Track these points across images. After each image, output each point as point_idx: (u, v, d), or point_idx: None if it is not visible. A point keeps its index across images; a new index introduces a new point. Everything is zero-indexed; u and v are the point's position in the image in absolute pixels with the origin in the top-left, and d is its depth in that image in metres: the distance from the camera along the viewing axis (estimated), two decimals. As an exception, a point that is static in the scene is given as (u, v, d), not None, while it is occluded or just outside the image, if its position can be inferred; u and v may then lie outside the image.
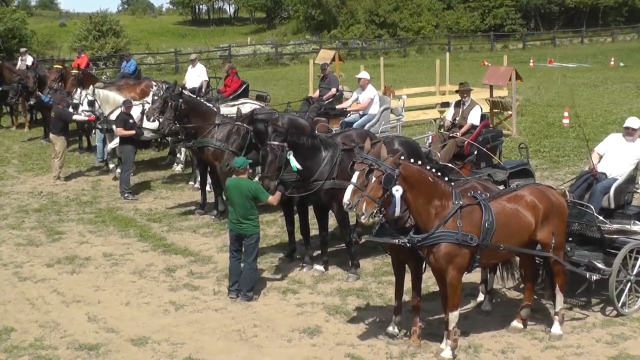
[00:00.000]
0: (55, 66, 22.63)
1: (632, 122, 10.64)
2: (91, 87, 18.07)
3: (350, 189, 8.38)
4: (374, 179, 8.13)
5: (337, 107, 17.32)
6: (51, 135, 17.69)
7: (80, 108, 17.54)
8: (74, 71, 21.65)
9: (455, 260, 8.43)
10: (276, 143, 10.67)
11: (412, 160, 8.54)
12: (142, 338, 9.47)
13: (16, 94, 22.52)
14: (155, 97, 14.83)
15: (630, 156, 10.53)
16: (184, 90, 14.72)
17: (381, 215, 8.38)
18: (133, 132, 16.31)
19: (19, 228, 14.24)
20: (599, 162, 10.74)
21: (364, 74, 16.78)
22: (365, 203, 8.12)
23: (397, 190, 8.12)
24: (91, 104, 17.47)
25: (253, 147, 11.32)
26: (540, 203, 8.97)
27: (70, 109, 17.71)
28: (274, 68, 45.09)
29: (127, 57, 27.47)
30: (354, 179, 8.42)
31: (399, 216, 8.51)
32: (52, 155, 17.91)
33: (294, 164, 10.71)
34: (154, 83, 19.33)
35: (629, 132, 10.62)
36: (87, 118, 17.75)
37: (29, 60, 25.94)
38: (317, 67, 23.24)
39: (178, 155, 18.68)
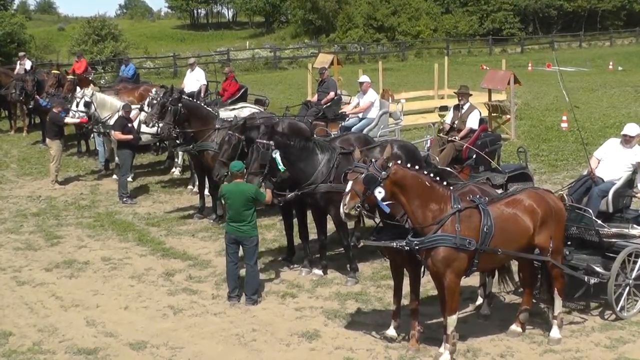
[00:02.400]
0: (52, 71, 22.60)
1: (629, 129, 10.65)
2: (90, 88, 18.01)
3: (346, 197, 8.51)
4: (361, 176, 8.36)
5: (340, 112, 17.31)
6: (47, 140, 17.70)
7: (74, 109, 17.52)
8: (70, 77, 21.65)
9: (453, 264, 8.44)
10: (263, 141, 10.77)
11: (409, 165, 8.60)
12: (140, 342, 9.46)
13: (21, 93, 22.43)
14: (154, 102, 14.79)
15: (627, 162, 10.54)
16: (182, 95, 14.72)
17: (361, 210, 8.46)
18: (130, 137, 16.30)
19: (17, 232, 14.24)
20: (597, 166, 10.75)
21: (364, 78, 16.79)
22: (349, 196, 8.32)
23: (380, 192, 8.22)
24: (87, 105, 17.45)
25: (245, 156, 11.35)
26: (539, 207, 8.97)
27: (71, 108, 17.73)
28: (272, 72, 45.11)
29: (126, 61, 27.50)
30: (348, 187, 8.52)
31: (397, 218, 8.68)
32: (49, 160, 17.90)
33: (279, 163, 10.79)
34: (154, 89, 19.33)
35: (627, 139, 10.63)
36: (78, 120, 17.74)
37: (28, 64, 25.96)
38: (315, 71, 23.25)
39: (176, 159, 18.69)
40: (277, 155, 10.79)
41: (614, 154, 10.68)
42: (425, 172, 8.65)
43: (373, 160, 8.46)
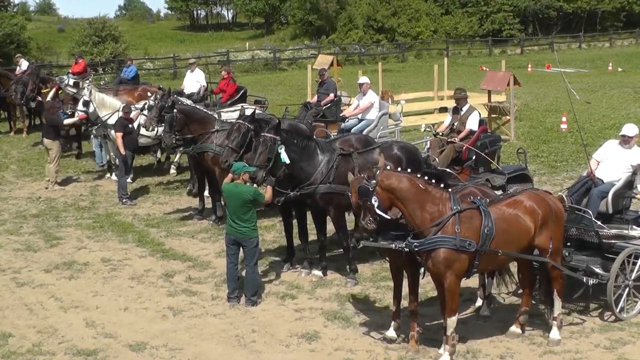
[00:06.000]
0: (43, 91, 22.48)
1: (628, 130, 10.65)
2: (89, 87, 18.02)
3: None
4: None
5: (341, 115, 17.31)
6: (45, 141, 17.63)
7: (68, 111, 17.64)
8: (45, 91, 21.81)
9: (453, 265, 8.44)
10: (269, 135, 10.78)
11: (399, 169, 8.63)
12: (140, 343, 9.46)
13: (21, 97, 22.38)
14: (152, 105, 14.76)
15: (626, 163, 10.54)
16: (178, 98, 14.68)
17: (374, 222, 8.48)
18: (124, 152, 16.14)
19: (17, 233, 14.24)
20: (596, 168, 10.75)
21: (364, 79, 16.79)
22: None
23: (375, 201, 8.30)
24: (86, 104, 17.45)
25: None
26: (539, 208, 8.98)
27: (71, 81, 17.77)
28: (272, 73, 45.11)
29: (129, 62, 27.50)
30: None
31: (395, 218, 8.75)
32: (47, 161, 17.85)
33: (284, 157, 10.82)
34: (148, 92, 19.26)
35: (625, 140, 10.64)
36: (77, 118, 17.74)
37: (24, 65, 26.01)
38: (315, 73, 23.25)
39: (173, 159, 18.70)
40: (282, 150, 10.81)
41: (613, 155, 10.68)
42: (419, 175, 8.64)
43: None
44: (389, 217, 8.45)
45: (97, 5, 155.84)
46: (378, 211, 8.32)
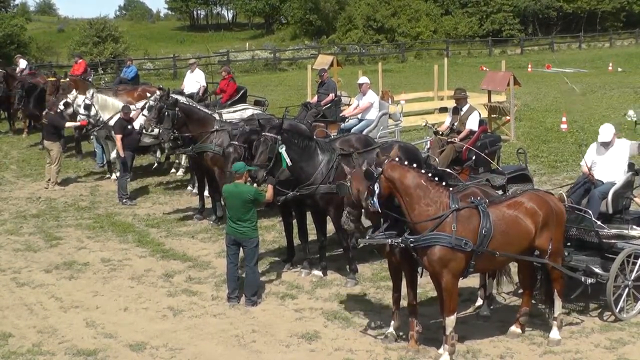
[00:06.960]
0: (49, 79, 22.52)
1: (604, 136, 10.60)
2: (90, 90, 18.05)
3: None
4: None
5: (341, 115, 17.30)
6: (45, 142, 17.61)
7: (75, 110, 17.58)
8: (51, 79, 21.77)
9: (449, 264, 8.43)
10: (270, 135, 10.76)
11: (406, 163, 8.65)
12: (140, 343, 9.46)
13: (21, 100, 22.46)
14: (152, 106, 14.76)
15: (619, 159, 10.54)
16: (179, 97, 14.69)
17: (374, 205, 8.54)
18: (123, 155, 16.14)
19: (17, 233, 14.24)
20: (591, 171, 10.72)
21: (364, 79, 16.78)
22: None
23: (377, 187, 8.42)
24: (87, 107, 17.43)
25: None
26: (540, 210, 8.96)
27: (62, 106, 17.74)
28: (272, 73, 45.12)
29: (129, 62, 27.51)
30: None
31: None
32: (47, 161, 17.84)
33: (285, 158, 10.81)
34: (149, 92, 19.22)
35: (605, 145, 10.65)
36: (79, 123, 17.73)
37: (22, 64, 26.00)
38: (315, 73, 23.24)
39: (177, 161, 18.68)
40: (283, 150, 10.81)
41: (602, 157, 10.67)
42: (423, 172, 8.66)
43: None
44: (378, 209, 8.47)
45: (97, 5, 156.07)
46: (375, 199, 8.38)
